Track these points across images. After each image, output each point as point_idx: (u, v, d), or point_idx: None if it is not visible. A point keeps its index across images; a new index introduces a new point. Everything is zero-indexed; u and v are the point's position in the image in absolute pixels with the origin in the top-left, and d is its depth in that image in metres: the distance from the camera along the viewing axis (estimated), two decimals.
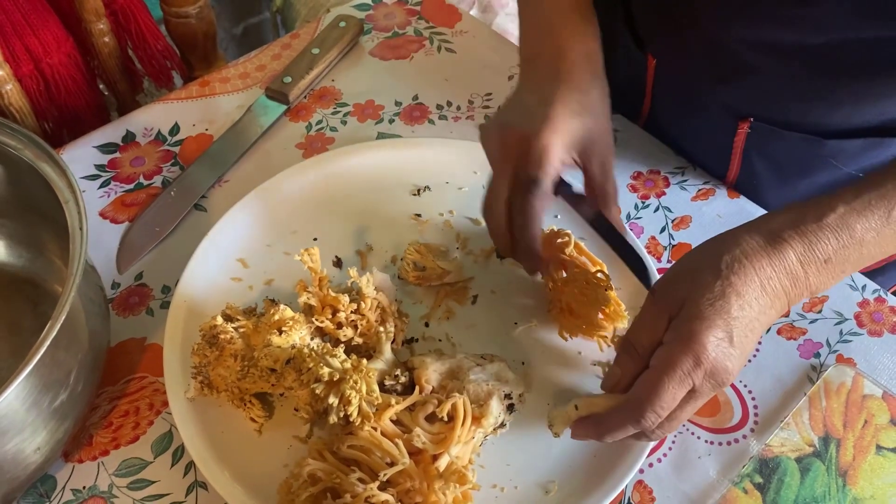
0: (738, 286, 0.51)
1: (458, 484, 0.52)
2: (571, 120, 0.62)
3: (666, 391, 0.51)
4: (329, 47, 0.89)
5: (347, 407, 0.54)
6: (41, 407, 0.54)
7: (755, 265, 0.52)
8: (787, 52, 0.66)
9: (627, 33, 0.81)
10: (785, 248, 0.52)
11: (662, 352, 0.52)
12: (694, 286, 0.52)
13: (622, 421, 0.54)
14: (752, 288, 0.52)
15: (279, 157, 0.82)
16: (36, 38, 0.87)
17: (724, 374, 0.52)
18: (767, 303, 0.52)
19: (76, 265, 0.54)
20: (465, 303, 0.70)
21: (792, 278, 0.53)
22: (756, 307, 0.52)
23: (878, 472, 0.61)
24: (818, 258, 0.53)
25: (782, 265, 0.52)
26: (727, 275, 0.52)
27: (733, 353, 0.52)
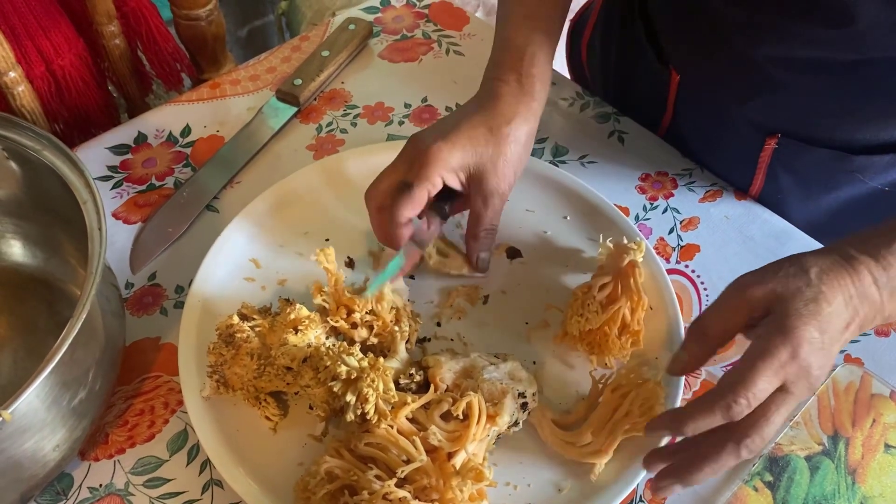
0: (828, 295, 0.52)
1: (474, 481, 0.52)
2: (468, 146, 0.64)
3: (760, 377, 0.50)
4: (339, 50, 0.90)
5: (364, 405, 0.54)
6: (60, 405, 0.55)
7: (840, 280, 0.52)
8: (818, 69, 0.66)
9: (650, 48, 0.82)
10: (861, 270, 0.53)
11: (758, 342, 0.51)
12: (786, 288, 0.52)
13: (709, 407, 0.51)
14: (838, 300, 0.52)
15: (290, 158, 0.83)
16: (47, 39, 0.88)
17: (815, 374, 0.51)
18: (848, 318, 0.53)
19: (95, 264, 0.55)
20: (477, 303, 0.71)
21: (869, 301, 0.53)
22: (841, 320, 0.52)
23: (887, 470, 0.62)
24: (891, 283, 0.53)
25: (861, 285, 0.52)
26: (817, 283, 0.52)
27: (824, 356, 0.52)
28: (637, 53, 0.84)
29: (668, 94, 0.82)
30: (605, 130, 0.85)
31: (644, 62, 0.83)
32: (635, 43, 0.84)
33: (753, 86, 0.72)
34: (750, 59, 0.69)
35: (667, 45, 0.79)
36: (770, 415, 0.51)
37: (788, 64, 0.67)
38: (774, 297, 0.52)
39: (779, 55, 0.67)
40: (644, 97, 0.86)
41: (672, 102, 0.82)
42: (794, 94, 0.70)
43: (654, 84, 0.83)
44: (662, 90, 0.82)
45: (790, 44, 0.66)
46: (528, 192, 0.78)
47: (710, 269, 0.74)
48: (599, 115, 0.86)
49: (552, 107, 0.86)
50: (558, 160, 0.82)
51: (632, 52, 0.86)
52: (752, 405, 0.51)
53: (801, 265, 0.53)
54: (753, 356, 0.51)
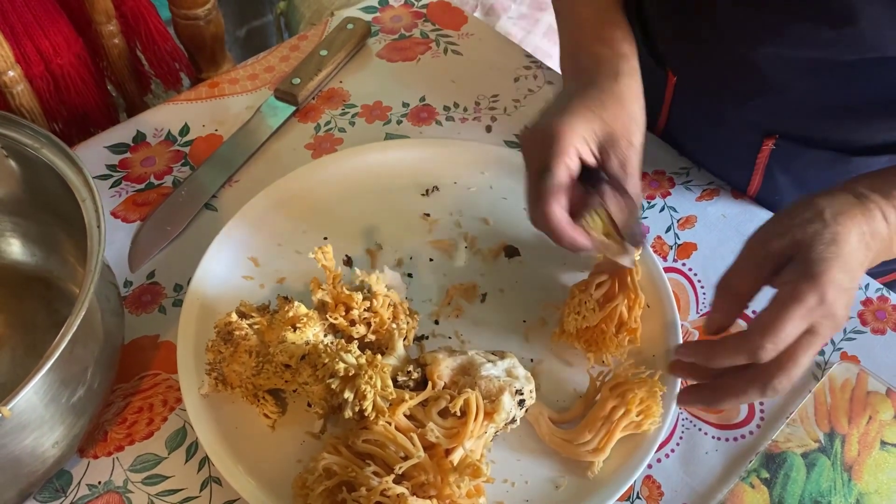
0: (845, 235, 0.53)
1: (472, 477, 0.53)
2: (588, 114, 0.61)
3: (789, 321, 0.51)
4: (337, 49, 0.90)
5: (362, 402, 0.54)
6: (59, 402, 0.55)
7: (854, 218, 0.54)
8: (817, 69, 0.66)
9: (645, 50, 0.82)
10: (873, 208, 0.54)
11: (787, 288, 0.52)
12: (805, 233, 0.53)
13: (737, 347, 0.53)
14: (854, 238, 0.53)
15: (288, 157, 0.83)
16: (46, 39, 0.88)
17: (841, 314, 0.53)
18: (863, 256, 0.54)
19: (94, 262, 0.55)
20: (475, 301, 0.71)
21: (879, 237, 0.54)
22: (858, 257, 0.54)
23: (883, 467, 0.62)
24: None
25: (872, 223, 0.54)
26: (833, 225, 0.53)
27: (848, 295, 0.53)
28: None
29: (663, 96, 0.82)
30: None
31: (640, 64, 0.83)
32: None
33: (751, 87, 0.72)
34: (748, 59, 0.69)
35: (663, 47, 0.79)
36: (798, 357, 0.53)
37: (787, 64, 0.67)
38: (795, 244, 0.53)
39: (778, 56, 0.67)
40: None
41: (668, 104, 0.82)
42: (792, 95, 0.70)
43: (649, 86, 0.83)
44: (658, 92, 0.82)
45: (789, 44, 0.66)
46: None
47: (707, 267, 0.74)
48: None
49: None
50: None
51: None
52: (780, 349, 0.52)
53: (814, 208, 0.54)
54: (782, 302, 0.52)
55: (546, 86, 0.89)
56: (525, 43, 1.51)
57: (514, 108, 0.87)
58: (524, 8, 1.55)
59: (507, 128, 0.85)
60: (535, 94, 0.88)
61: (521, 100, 0.88)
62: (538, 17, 1.54)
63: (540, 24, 1.53)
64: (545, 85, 0.89)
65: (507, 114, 0.87)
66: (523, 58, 0.93)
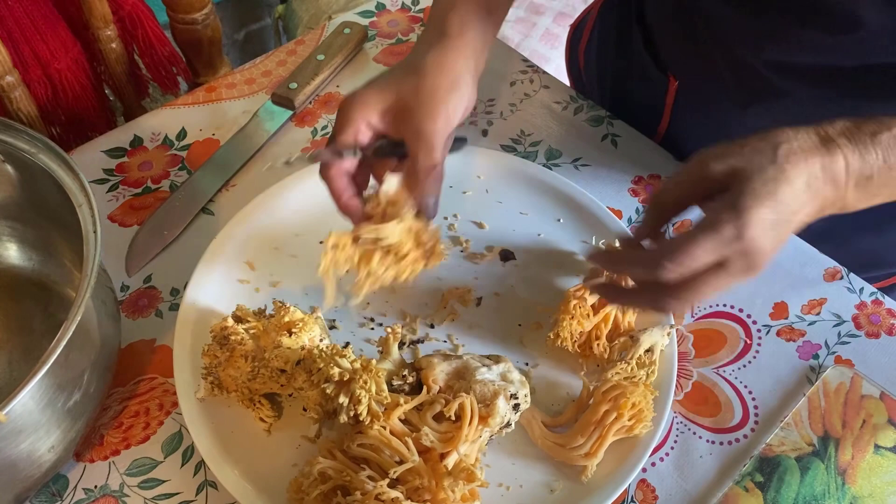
0: (791, 175, 0.51)
1: (467, 481, 0.53)
2: (383, 87, 0.62)
3: (697, 247, 0.50)
4: (334, 54, 0.91)
5: (357, 406, 0.55)
6: (55, 406, 0.55)
7: (808, 160, 0.52)
8: (819, 75, 0.66)
9: (647, 56, 0.82)
10: (836, 152, 0.52)
11: (708, 215, 0.51)
12: (748, 164, 0.52)
13: (643, 262, 0.53)
14: (800, 181, 0.51)
15: None
16: (44, 43, 0.88)
17: (758, 256, 0.51)
18: (806, 200, 0.52)
19: (91, 267, 0.55)
20: (470, 304, 0.72)
21: (834, 184, 0.52)
22: (798, 201, 0.52)
23: (877, 470, 0.62)
24: (862, 172, 0.52)
25: (830, 168, 0.52)
26: (782, 163, 0.51)
27: (773, 238, 0.51)
28: (634, 61, 0.85)
29: (665, 101, 0.82)
30: (598, 134, 0.85)
31: (641, 69, 0.83)
32: (632, 50, 0.85)
33: (754, 92, 0.72)
34: (751, 65, 0.69)
35: (665, 52, 0.80)
36: (699, 287, 0.52)
37: (790, 70, 0.68)
38: (734, 172, 0.52)
39: (780, 61, 0.67)
40: (641, 104, 0.86)
41: (669, 109, 0.82)
42: (794, 101, 0.70)
43: (651, 91, 0.83)
44: (660, 97, 0.82)
45: (792, 50, 0.66)
46: (522, 194, 0.78)
47: None
48: (593, 118, 0.87)
49: (546, 110, 0.87)
50: (552, 163, 0.83)
51: (629, 60, 0.87)
52: (683, 273, 0.51)
53: (771, 141, 0.52)
54: (699, 227, 0.51)
55: (542, 90, 0.90)
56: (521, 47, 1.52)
57: (510, 113, 0.87)
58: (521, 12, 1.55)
59: (504, 132, 0.86)
60: (531, 98, 0.89)
61: (517, 104, 0.88)
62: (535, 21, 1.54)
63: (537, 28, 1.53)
64: (541, 89, 0.90)
65: (503, 118, 0.87)
66: (520, 62, 0.93)
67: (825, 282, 0.73)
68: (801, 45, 0.65)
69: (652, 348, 0.66)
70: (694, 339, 0.70)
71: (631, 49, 0.85)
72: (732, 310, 0.72)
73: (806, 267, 0.74)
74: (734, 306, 0.72)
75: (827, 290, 0.73)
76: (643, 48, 0.83)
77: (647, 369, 0.65)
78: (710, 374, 0.68)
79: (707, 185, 0.53)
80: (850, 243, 0.78)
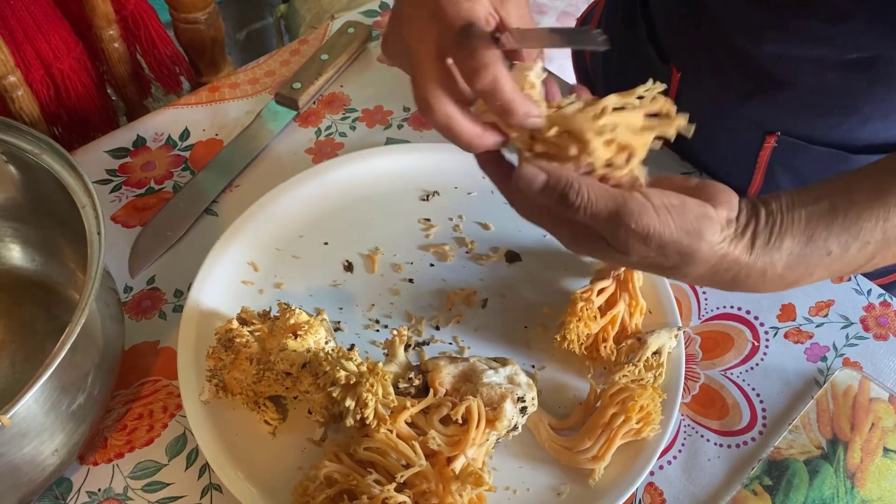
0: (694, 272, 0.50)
1: (474, 485, 0.52)
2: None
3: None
4: (338, 53, 0.90)
5: (364, 409, 0.54)
6: (59, 409, 0.55)
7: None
8: (819, 66, 0.66)
9: (650, 47, 0.82)
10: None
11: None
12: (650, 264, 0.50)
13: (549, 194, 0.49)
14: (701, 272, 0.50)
15: (289, 162, 0.83)
16: (46, 43, 0.88)
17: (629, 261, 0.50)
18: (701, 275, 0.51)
19: (94, 269, 0.55)
20: (475, 306, 0.71)
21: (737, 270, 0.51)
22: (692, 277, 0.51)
23: (886, 474, 0.62)
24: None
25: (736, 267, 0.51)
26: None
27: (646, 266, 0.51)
28: (638, 53, 0.85)
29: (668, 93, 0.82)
30: None
31: (645, 61, 0.83)
32: (637, 42, 0.85)
33: (754, 83, 0.72)
34: (750, 56, 0.69)
35: (667, 42, 0.80)
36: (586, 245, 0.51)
37: (789, 61, 0.68)
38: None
39: (779, 52, 0.67)
40: None
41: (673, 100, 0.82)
42: (794, 92, 0.70)
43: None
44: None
45: (791, 41, 0.66)
46: None
47: None
48: None
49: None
50: None
51: (633, 52, 0.87)
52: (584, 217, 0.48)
53: (690, 261, 0.49)
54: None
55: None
56: None
57: None
58: None
59: None
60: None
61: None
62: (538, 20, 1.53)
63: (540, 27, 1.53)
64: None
65: None
66: None
67: (833, 283, 0.73)
68: (800, 36, 0.65)
69: (659, 351, 0.65)
70: (701, 341, 0.70)
71: (635, 41, 0.85)
72: (739, 312, 0.71)
73: None
74: (741, 308, 0.71)
75: (835, 291, 0.72)
76: (646, 39, 0.83)
77: (655, 372, 0.64)
78: (717, 376, 0.68)
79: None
80: None
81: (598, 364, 0.67)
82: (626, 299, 0.67)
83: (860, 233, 0.51)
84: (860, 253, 0.51)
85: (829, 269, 0.52)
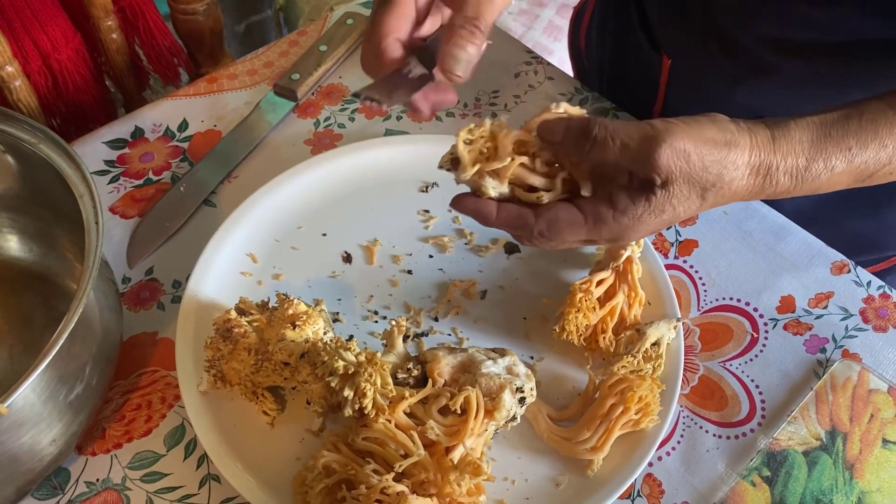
0: (674, 208, 0.52)
1: (472, 475, 0.52)
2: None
3: (573, 234, 0.53)
4: (337, 45, 0.90)
5: (362, 399, 0.54)
6: (57, 399, 0.55)
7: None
8: (807, 51, 0.66)
9: (642, 34, 0.82)
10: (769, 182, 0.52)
11: (592, 208, 0.52)
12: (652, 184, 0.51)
13: (518, 222, 0.54)
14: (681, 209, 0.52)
15: (288, 153, 0.82)
16: (44, 33, 0.88)
17: (629, 241, 0.54)
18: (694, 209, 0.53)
19: (92, 259, 0.55)
20: (474, 298, 0.71)
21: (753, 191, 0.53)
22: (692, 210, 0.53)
23: (885, 465, 0.62)
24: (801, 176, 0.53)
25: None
26: (669, 202, 0.52)
27: (647, 234, 0.54)
28: (630, 41, 0.85)
29: (659, 81, 0.82)
30: None
31: (637, 49, 0.83)
32: (629, 30, 0.85)
33: (742, 69, 0.72)
34: (740, 41, 0.69)
35: (659, 30, 0.80)
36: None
37: (778, 46, 0.68)
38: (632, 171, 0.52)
39: (768, 37, 0.68)
40: (637, 85, 0.86)
41: (663, 89, 0.82)
42: (782, 78, 0.70)
43: (646, 71, 0.83)
44: (654, 77, 0.82)
45: (779, 25, 0.66)
46: None
47: (709, 264, 0.74)
48: (598, 110, 0.86)
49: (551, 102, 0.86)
50: None
51: (625, 40, 0.87)
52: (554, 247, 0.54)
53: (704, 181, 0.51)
54: (583, 214, 0.53)
55: (547, 81, 0.89)
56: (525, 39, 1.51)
57: (514, 104, 0.87)
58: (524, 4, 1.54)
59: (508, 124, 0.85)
60: (535, 89, 0.88)
61: (521, 95, 0.88)
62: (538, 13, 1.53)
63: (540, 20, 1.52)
64: (546, 80, 0.89)
65: (507, 109, 0.86)
66: (524, 53, 0.92)
67: (832, 275, 0.73)
68: (789, 20, 0.65)
69: (658, 342, 0.65)
70: (700, 332, 0.70)
71: (627, 29, 0.85)
72: (739, 303, 0.71)
73: (813, 260, 0.73)
74: (741, 300, 0.71)
75: (834, 283, 0.72)
76: (638, 27, 0.82)
77: (654, 363, 0.64)
78: (716, 367, 0.68)
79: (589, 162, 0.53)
80: (839, 226, 0.78)
81: (597, 355, 0.67)
82: (626, 290, 0.67)
83: (877, 133, 0.52)
84: (878, 154, 0.52)
85: (849, 164, 0.52)
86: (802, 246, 0.74)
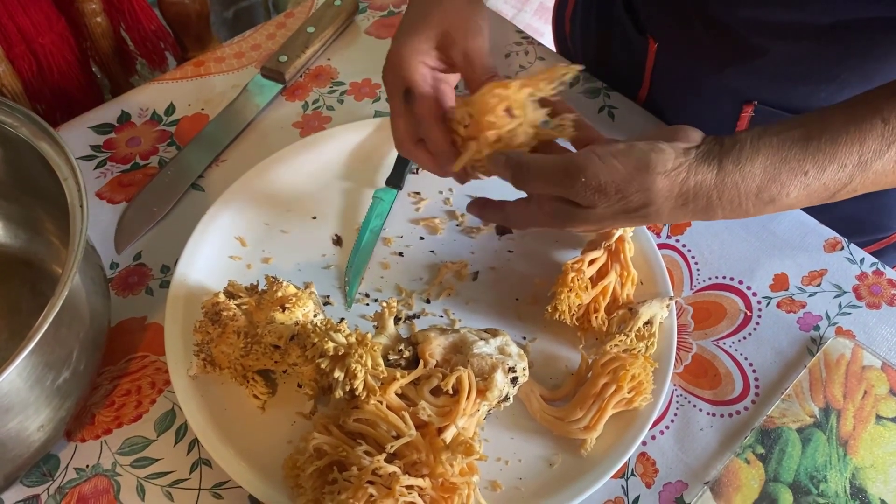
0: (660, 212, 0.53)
1: (465, 455, 0.52)
2: (421, 23, 0.61)
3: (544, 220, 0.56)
4: (324, 26, 0.89)
5: (353, 381, 0.54)
6: (44, 385, 0.54)
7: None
8: (795, 33, 0.65)
9: (627, 18, 0.81)
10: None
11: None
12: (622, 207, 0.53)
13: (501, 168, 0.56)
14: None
15: (276, 136, 0.82)
16: (27, 17, 0.86)
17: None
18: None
19: (77, 242, 0.54)
20: (466, 279, 0.70)
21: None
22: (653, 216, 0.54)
23: (878, 441, 0.62)
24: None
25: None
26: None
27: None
28: (615, 25, 0.84)
29: (645, 65, 0.81)
30: (595, 105, 0.84)
31: (622, 33, 0.82)
32: (613, 13, 0.84)
33: (730, 52, 0.71)
34: (726, 23, 0.69)
35: (643, 13, 0.79)
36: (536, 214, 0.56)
37: (765, 28, 0.67)
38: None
39: (755, 19, 0.67)
40: (622, 69, 0.86)
41: (649, 73, 0.82)
42: (770, 60, 0.69)
43: (631, 55, 0.83)
44: (640, 61, 0.81)
45: (766, 6, 0.65)
46: None
47: (701, 243, 0.73)
48: (589, 90, 0.85)
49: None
50: None
51: (610, 24, 0.86)
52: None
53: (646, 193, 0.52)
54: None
55: (538, 62, 0.88)
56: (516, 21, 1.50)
57: None
58: None
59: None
60: (526, 70, 0.87)
61: (512, 76, 0.87)
62: None
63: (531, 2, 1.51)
64: (536, 61, 0.88)
65: None
66: (514, 34, 0.91)
67: (825, 252, 0.72)
68: (773, 1, 0.64)
69: (651, 321, 0.65)
70: (693, 311, 0.69)
71: (612, 12, 0.84)
72: (732, 282, 0.71)
73: (806, 238, 0.73)
74: (734, 278, 0.71)
75: (827, 260, 0.72)
76: (623, 11, 0.82)
77: (647, 342, 0.64)
78: (709, 346, 0.67)
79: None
80: (832, 208, 0.77)
81: (590, 335, 0.66)
82: (618, 269, 0.66)
83: (836, 154, 0.51)
84: (837, 175, 0.52)
85: (807, 189, 0.52)
86: (795, 224, 0.74)
